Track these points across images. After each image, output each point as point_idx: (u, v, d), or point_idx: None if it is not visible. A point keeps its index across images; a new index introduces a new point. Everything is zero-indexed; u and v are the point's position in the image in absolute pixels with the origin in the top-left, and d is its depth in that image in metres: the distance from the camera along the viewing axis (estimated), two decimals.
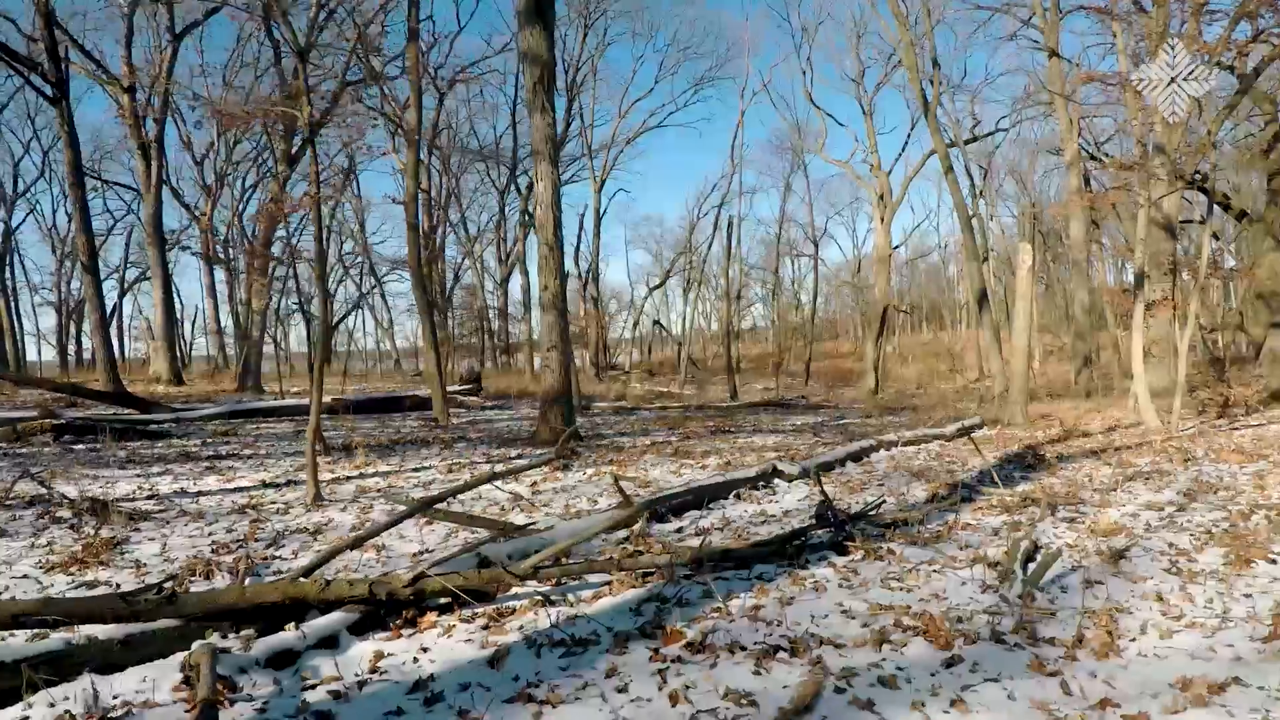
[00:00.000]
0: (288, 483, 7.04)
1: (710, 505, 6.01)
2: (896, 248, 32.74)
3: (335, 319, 53.51)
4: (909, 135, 32.58)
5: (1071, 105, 22.53)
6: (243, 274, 24.13)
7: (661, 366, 45.54)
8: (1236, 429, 10.57)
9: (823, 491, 5.02)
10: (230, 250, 34.85)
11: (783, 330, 43.17)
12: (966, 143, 28.79)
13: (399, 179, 40.63)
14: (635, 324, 51.73)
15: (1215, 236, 27.02)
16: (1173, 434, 9.96)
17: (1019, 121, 29.33)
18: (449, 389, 17.33)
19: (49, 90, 19.41)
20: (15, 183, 36.41)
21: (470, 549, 4.06)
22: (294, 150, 22.50)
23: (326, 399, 15.15)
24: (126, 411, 13.69)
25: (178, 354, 25.49)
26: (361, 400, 15.11)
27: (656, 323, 53.20)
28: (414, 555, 4.63)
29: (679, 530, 5.27)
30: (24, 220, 36.80)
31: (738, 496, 6.28)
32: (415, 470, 7.79)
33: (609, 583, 3.88)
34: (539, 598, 3.66)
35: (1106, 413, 13.79)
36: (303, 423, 13.29)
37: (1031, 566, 3.68)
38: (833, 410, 17.63)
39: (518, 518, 5.59)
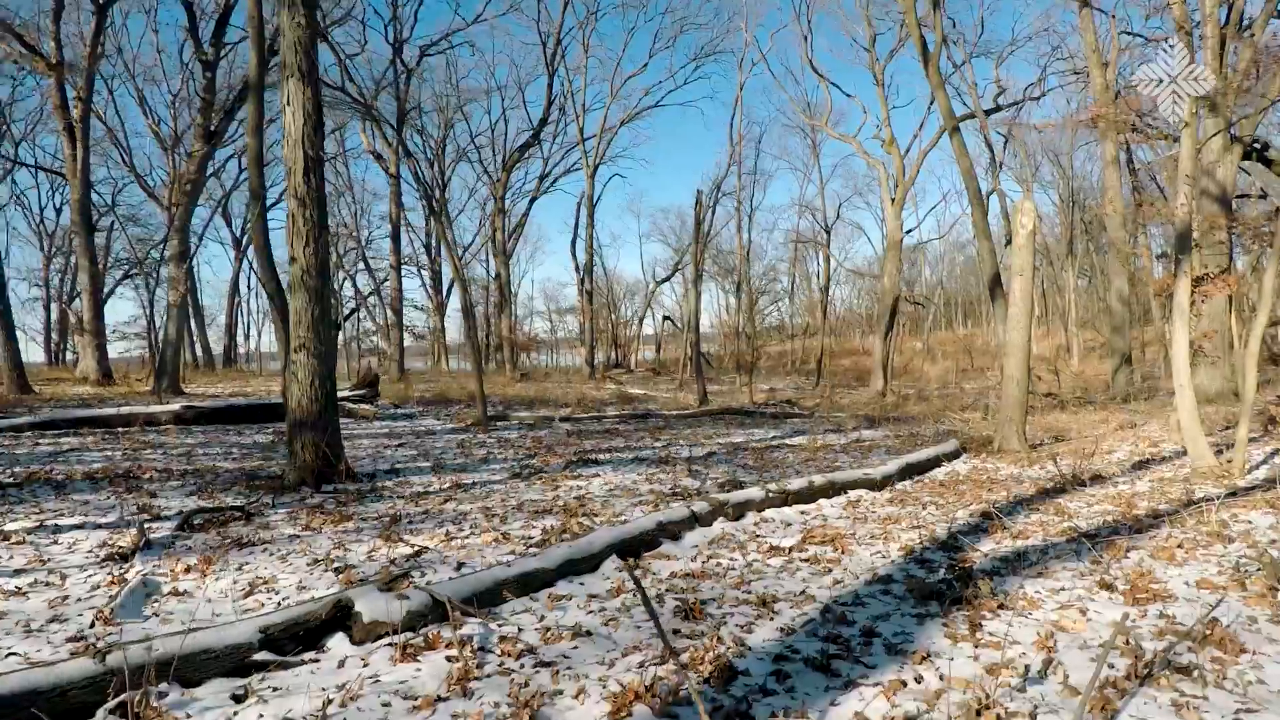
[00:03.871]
0: None
1: None
2: (909, 232, 29.31)
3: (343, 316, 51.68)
4: (929, 109, 29.00)
5: (1107, 67, 19.29)
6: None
7: (673, 365, 42.66)
8: None
9: None
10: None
11: (767, 327, 39.84)
12: (989, 113, 25.29)
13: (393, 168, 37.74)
14: (642, 319, 48.93)
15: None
16: (1236, 481, 6.65)
17: (1044, 92, 25.76)
18: (341, 394, 14.70)
19: None
20: None
21: None
22: (212, 127, 20.13)
23: (176, 406, 12.64)
24: None
25: (107, 350, 23.29)
26: (220, 408, 12.53)
27: (667, 318, 50.17)
28: None
29: None
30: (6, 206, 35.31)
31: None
32: None
33: None
34: None
35: (1142, 431, 10.54)
36: (111, 439, 10.73)
37: None
38: (805, 419, 14.52)
39: None
